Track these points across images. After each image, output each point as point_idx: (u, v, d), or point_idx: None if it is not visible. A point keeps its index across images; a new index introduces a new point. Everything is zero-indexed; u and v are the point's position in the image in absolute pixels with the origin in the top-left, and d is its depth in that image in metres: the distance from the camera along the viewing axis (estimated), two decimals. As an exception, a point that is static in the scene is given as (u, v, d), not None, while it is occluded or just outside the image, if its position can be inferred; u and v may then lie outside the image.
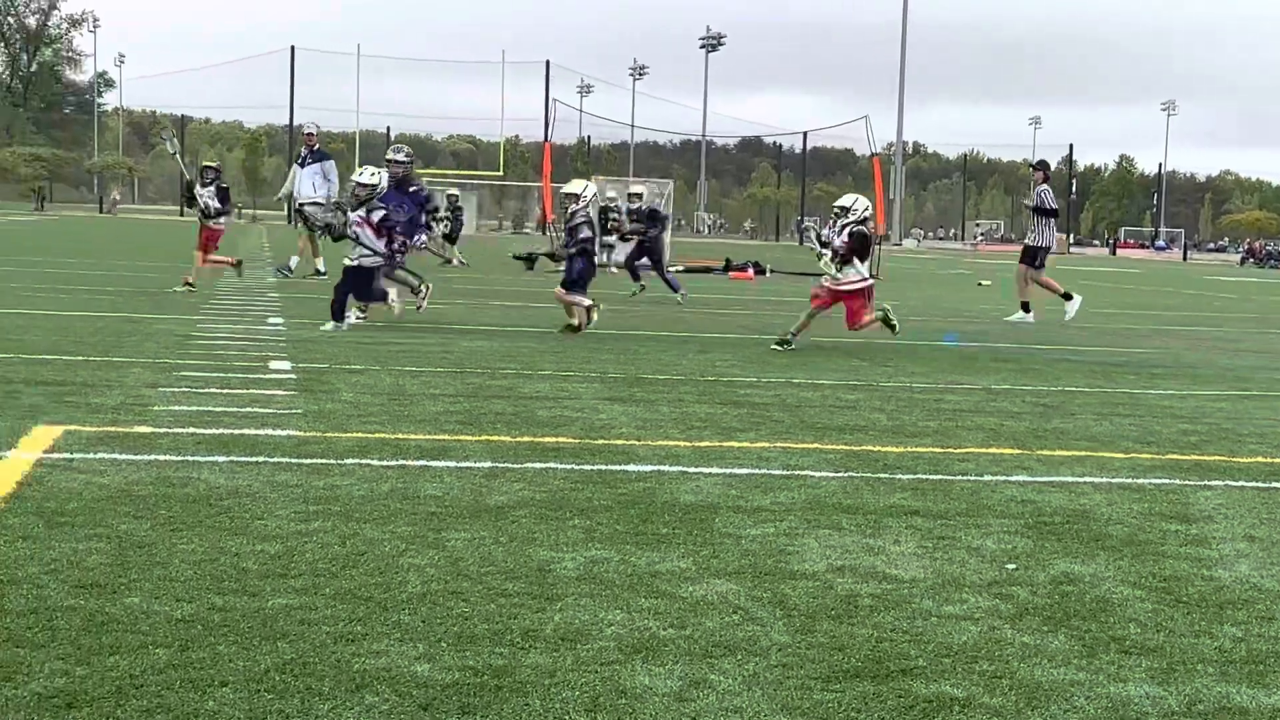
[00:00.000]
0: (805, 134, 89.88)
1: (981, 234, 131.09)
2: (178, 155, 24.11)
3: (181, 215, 59.89)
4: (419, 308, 16.84)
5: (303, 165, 25.62)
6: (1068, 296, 22.31)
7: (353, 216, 15.98)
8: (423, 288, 17.18)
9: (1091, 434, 10.02)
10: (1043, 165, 24.26)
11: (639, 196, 27.95)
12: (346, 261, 15.98)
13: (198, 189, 21.12)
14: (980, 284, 37.73)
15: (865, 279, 15.44)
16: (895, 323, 15.33)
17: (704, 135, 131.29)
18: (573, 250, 16.77)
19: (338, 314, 15.46)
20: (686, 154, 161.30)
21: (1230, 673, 4.70)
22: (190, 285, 20.51)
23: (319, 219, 17.43)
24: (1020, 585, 5.72)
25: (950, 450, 9.03)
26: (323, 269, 24.39)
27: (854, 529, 6.62)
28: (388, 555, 5.73)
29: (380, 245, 15.97)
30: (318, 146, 25.95)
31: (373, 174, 16.60)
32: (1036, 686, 4.46)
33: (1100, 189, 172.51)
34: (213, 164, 22.55)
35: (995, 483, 7.97)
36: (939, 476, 8.09)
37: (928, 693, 4.35)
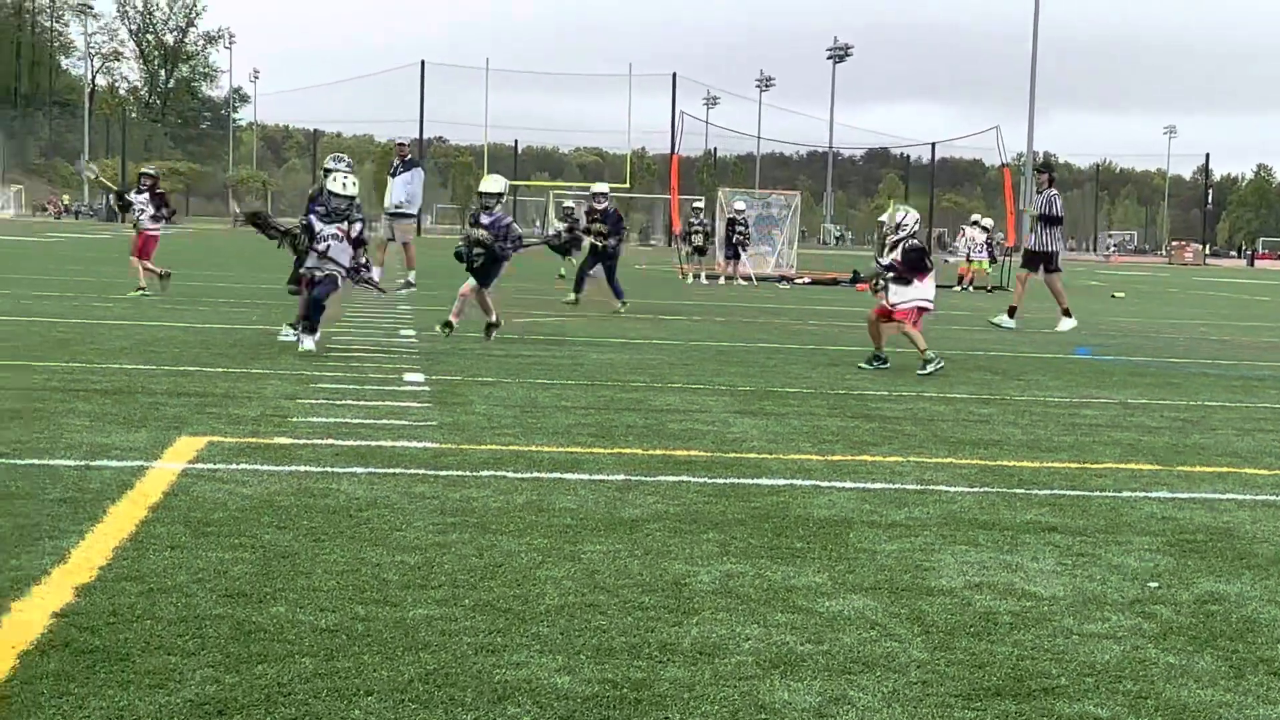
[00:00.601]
0: (934, 145, 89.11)
1: (1114, 245, 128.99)
2: (98, 178, 25.41)
3: (121, 222, 60.64)
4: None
5: (394, 175, 25.63)
6: (1012, 313, 22.08)
7: (328, 229, 14.03)
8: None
9: (1234, 450, 9.84)
10: (1048, 167, 23.81)
11: (605, 197, 24.08)
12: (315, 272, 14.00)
13: (132, 195, 22.10)
14: (1114, 295, 37.17)
15: (924, 299, 14.28)
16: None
17: (830, 146, 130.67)
18: (511, 250, 15.96)
19: (312, 326, 13.88)
20: (813, 165, 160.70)
21: (1384, 696, 4.59)
22: (143, 289, 21.17)
23: (277, 228, 15.01)
24: (1163, 604, 5.63)
25: (1087, 466, 8.92)
26: (408, 280, 24.48)
27: (991, 545, 6.56)
28: (525, 567, 5.78)
29: (348, 262, 14.17)
30: (409, 156, 25.97)
31: (346, 184, 14.52)
32: (1183, 708, 4.39)
33: (1237, 199, 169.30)
34: (149, 170, 23.49)
35: (1134, 499, 7.86)
36: (1076, 492, 7.99)
37: (1071, 712, 4.30)
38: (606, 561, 5.93)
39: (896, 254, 14.26)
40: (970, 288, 37.04)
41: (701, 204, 40.01)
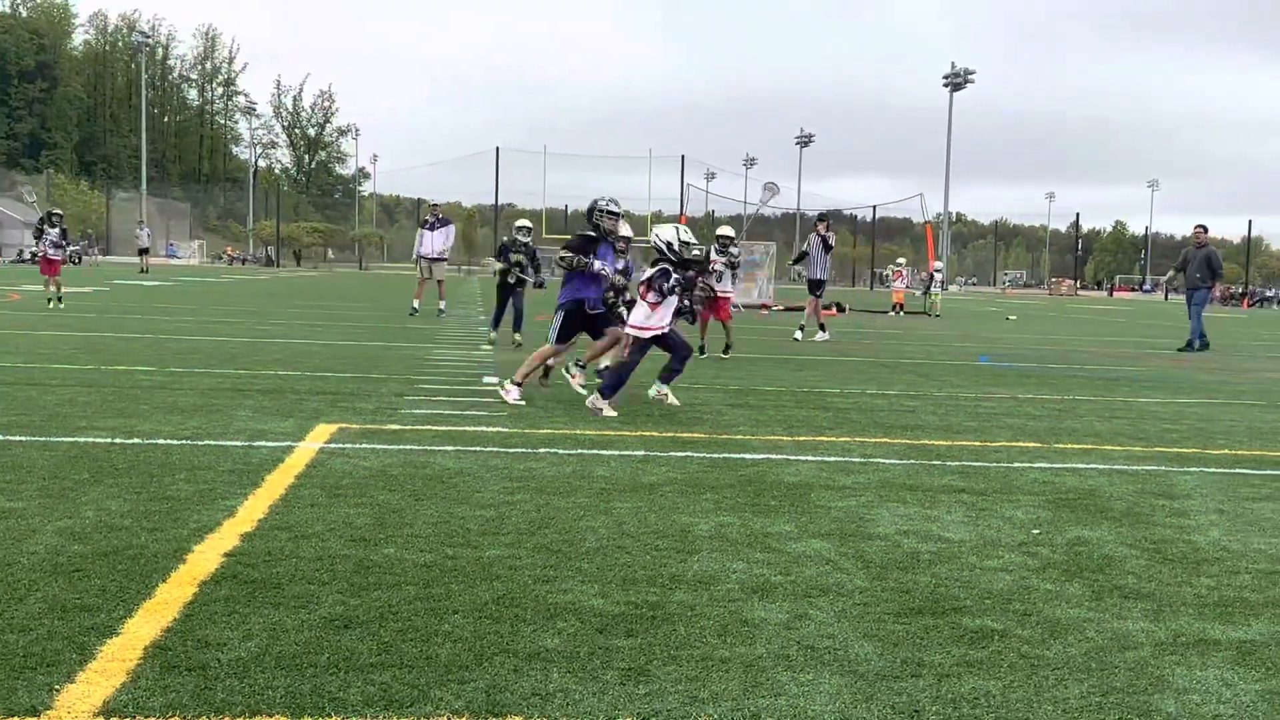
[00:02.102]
0: (874, 207, 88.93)
1: (1008, 280, 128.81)
2: (34, 204, 26.38)
3: (27, 257, 59.42)
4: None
5: (432, 229, 24.94)
6: (822, 328, 21.58)
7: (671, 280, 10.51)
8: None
9: (1096, 432, 9.79)
10: (826, 217, 23.43)
11: (526, 230, 17.15)
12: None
13: (46, 229, 23.27)
14: (1008, 318, 36.99)
15: (732, 291, 16.64)
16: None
17: (798, 208, 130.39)
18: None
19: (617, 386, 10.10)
20: (785, 223, 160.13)
21: (1205, 613, 4.57)
22: (59, 300, 22.57)
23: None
24: (1043, 546, 5.61)
25: (987, 444, 8.88)
26: (441, 308, 24.24)
27: (915, 502, 6.54)
28: (571, 519, 5.78)
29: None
30: (441, 215, 25.37)
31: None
32: (1056, 622, 4.38)
33: (1100, 246, 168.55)
34: (58, 211, 24.68)
35: (1022, 468, 7.83)
36: (979, 463, 7.96)
37: (974, 625, 4.29)
38: (631, 515, 5.93)
39: (726, 258, 16.20)
40: (902, 312, 36.92)
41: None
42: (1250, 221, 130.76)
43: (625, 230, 12.31)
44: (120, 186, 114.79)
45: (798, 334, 21.37)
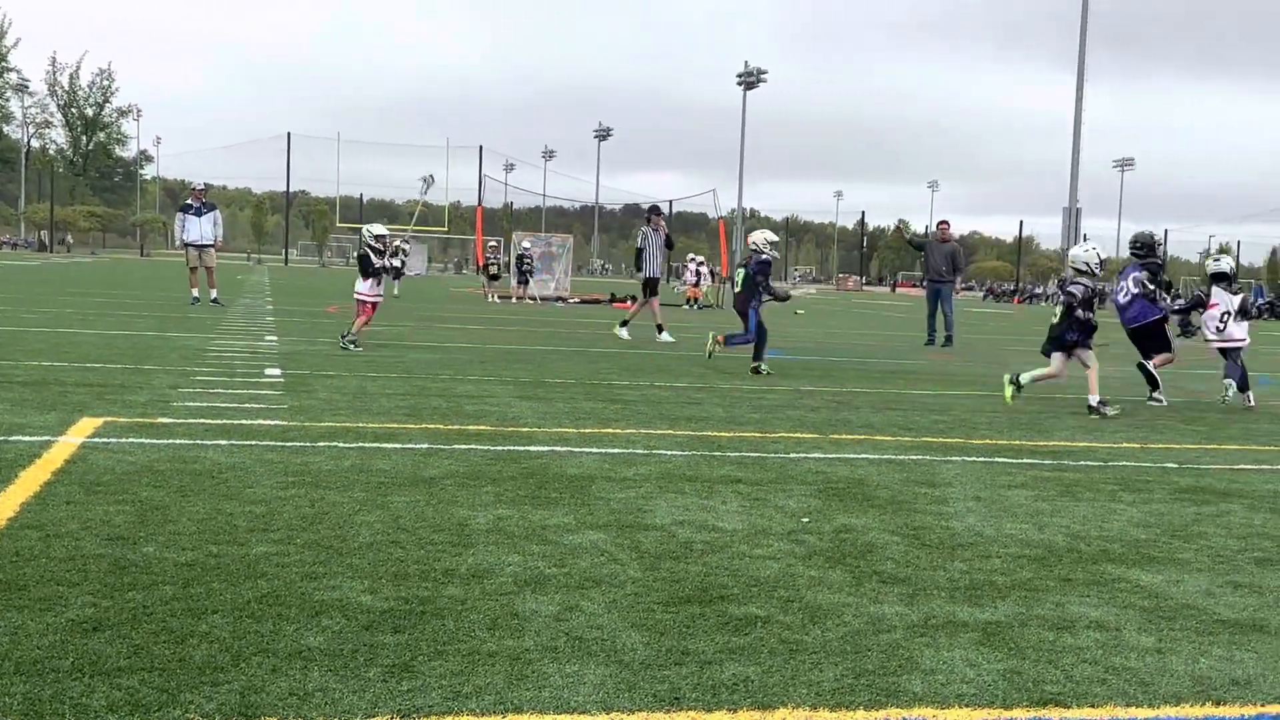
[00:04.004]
0: (671, 201, 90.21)
1: (799, 276, 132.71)
2: None
3: None
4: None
5: (199, 215, 23.74)
6: (660, 329, 20.42)
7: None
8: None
9: (869, 423, 10.14)
10: (656, 210, 22.93)
11: (773, 245, 15.29)
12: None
13: None
14: (796, 313, 38.00)
15: (380, 295, 15.45)
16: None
17: (597, 202, 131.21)
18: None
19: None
20: (584, 215, 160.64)
21: (957, 596, 4.78)
22: None
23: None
24: (811, 534, 5.77)
25: (767, 435, 9.09)
26: (214, 297, 23.58)
27: (693, 493, 6.64)
28: (346, 514, 5.66)
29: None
30: (206, 199, 24.20)
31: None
32: (818, 608, 4.51)
33: (884, 244, 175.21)
34: None
35: (798, 459, 8.04)
36: (758, 454, 8.14)
37: (739, 613, 4.38)
38: (408, 509, 5.84)
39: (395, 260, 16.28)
40: (695, 306, 37.55)
41: (497, 244, 39.95)
42: (1021, 222, 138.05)
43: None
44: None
45: (667, 336, 20.06)
